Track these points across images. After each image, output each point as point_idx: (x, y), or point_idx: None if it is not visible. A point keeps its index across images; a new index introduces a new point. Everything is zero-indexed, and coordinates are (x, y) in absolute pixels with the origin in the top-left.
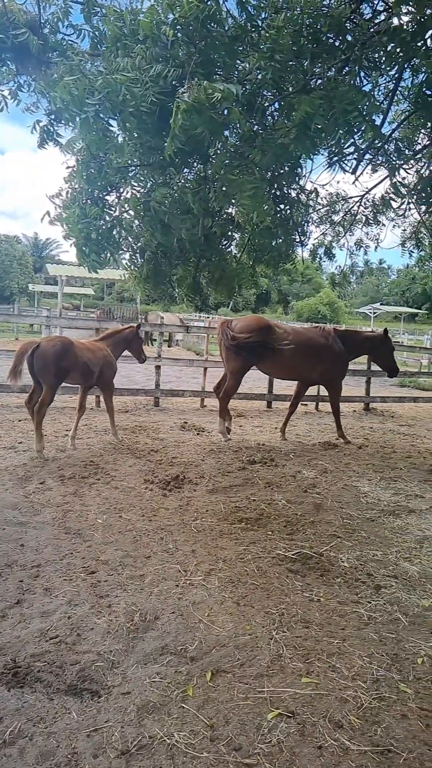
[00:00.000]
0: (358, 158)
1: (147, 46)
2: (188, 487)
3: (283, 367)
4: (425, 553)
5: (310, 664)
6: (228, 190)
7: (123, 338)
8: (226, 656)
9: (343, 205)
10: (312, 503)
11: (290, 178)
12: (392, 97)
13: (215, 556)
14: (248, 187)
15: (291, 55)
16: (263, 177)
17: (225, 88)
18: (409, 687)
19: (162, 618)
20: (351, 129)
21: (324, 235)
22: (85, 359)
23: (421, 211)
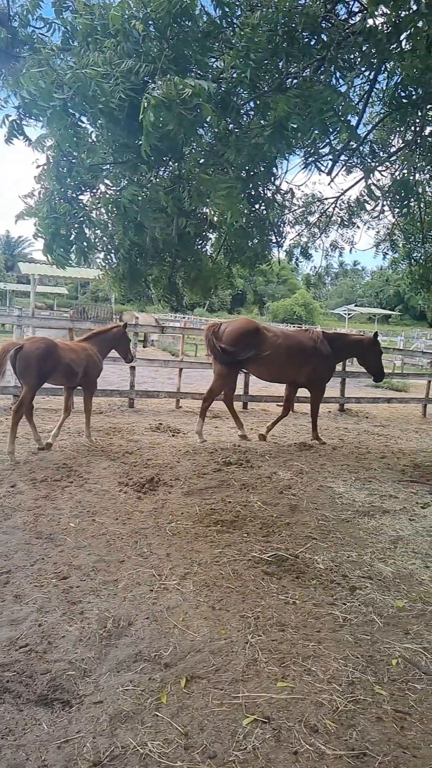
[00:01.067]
0: (333, 159)
1: (118, 40)
2: (163, 489)
3: (271, 370)
4: (399, 554)
5: (286, 667)
6: (202, 189)
7: (110, 338)
8: (201, 662)
9: (318, 206)
10: (287, 504)
11: (265, 178)
12: (367, 99)
13: (190, 560)
14: (222, 186)
15: (266, 54)
16: (238, 176)
17: (196, 84)
18: (384, 689)
19: (136, 624)
20: (326, 129)
21: (300, 236)
22: (67, 360)
23: (395, 214)
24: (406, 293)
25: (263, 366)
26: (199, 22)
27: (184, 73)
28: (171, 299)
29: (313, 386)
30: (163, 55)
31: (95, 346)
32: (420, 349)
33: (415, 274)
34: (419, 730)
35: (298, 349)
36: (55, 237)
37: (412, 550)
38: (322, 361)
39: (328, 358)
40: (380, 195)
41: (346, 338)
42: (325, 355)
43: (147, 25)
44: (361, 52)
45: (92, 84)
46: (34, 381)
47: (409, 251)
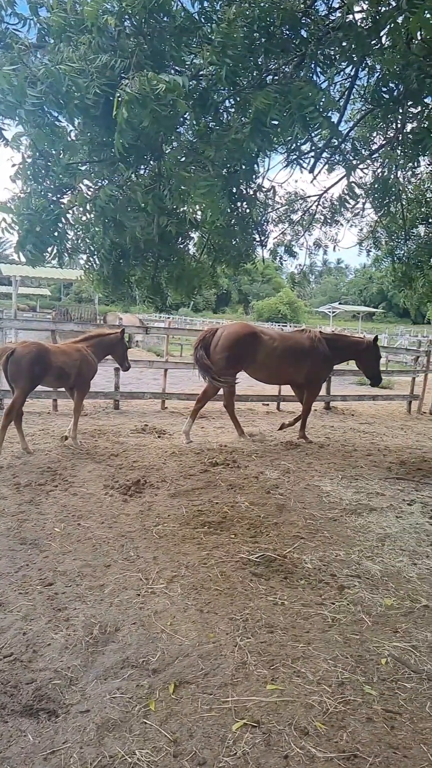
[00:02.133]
0: (315, 156)
1: (93, 36)
2: (149, 491)
3: (270, 373)
4: (387, 551)
5: (275, 670)
6: (182, 187)
7: (107, 342)
8: (189, 666)
9: (301, 204)
10: (275, 504)
11: (247, 176)
12: (348, 96)
13: (177, 563)
14: (202, 184)
15: (244, 49)
16: (219, 174)
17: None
18: (374, 689)
19: (123, 629)
20: (307, 125)
21: (283, 235)
22: (59, 363)
23: (377, 212)
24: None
25: (262, 369)
26: (177, 18)
27: (161, 68)
28: (155, 299)
29: (308, 386)
30: (139, 50)
31: (91, 348)
32: (404, 347)
33: (398, 272)
34: (409, 729)
35: (295, 350)
36: (29, 234)
37: (399, 548)
38: (319, 361)
39: (326, 358)
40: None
41: (346, 339)
42: (323, 355)
43: (122, 21)
44: (341, 48)
45: (66, 80)
46: (25, 385)
47: (392, 249)
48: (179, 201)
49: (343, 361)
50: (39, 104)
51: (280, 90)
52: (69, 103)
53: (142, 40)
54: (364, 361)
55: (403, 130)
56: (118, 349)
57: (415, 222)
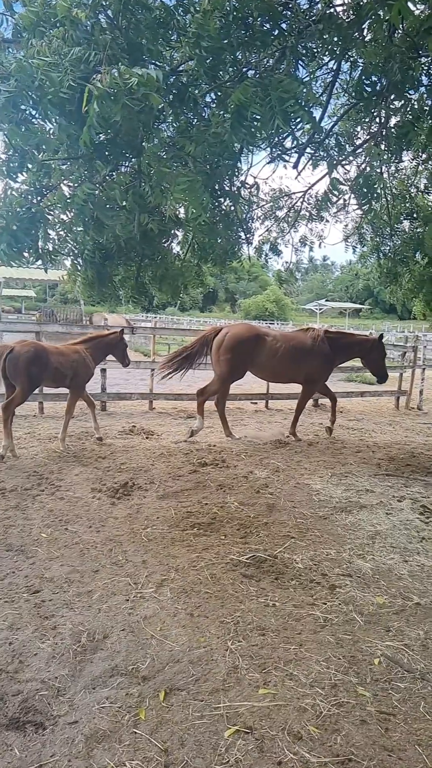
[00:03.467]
0: (298, 152)
1: (66, 29)
2: (138, 493)
3: (275, 372)
4: (377, 549)
5: (267, 673)
6: (163, 183)
7: (106, 343)
8: (180, 672)
9: (286, 201)
10: (265, 504)
11: (229, 172)
12: (331, 90)
13: (167, 566)
14: (183, 180)
15: (220, 41)
16: (201, 170)
17: (144, 73)
18: (367, 690)
19: (111, 636)
20: (288, 119)
21: (269, 232)
22: (56, 364)
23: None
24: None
25: (266, 369)
26: (153, 10)
27: (137, 62)
28: (140, 299)
29: (306, 384)
30: (114, 43)
31: (89, 349)
32: (391, 342)
33: (383, 268)
34: (403, 731)
35: (298, 350)
36: (4, 232)
37: (390, 545)
38: (319, 361)
39: (326, 358)
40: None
41: (351, 338)
42: (324, 354)
43: (96, 13)
44: (323, 41)
45: (39, 74)
46: (25, 384)
47: (378, 244)
48: (160, 198)
49: (348, 359)
50: (11, 99)
51: (260, 83)
52: (43, 98)
53: (118, 32)
54: (370, 359)
55: (386, 124)
56: (119, 348)
57: (400, 217)
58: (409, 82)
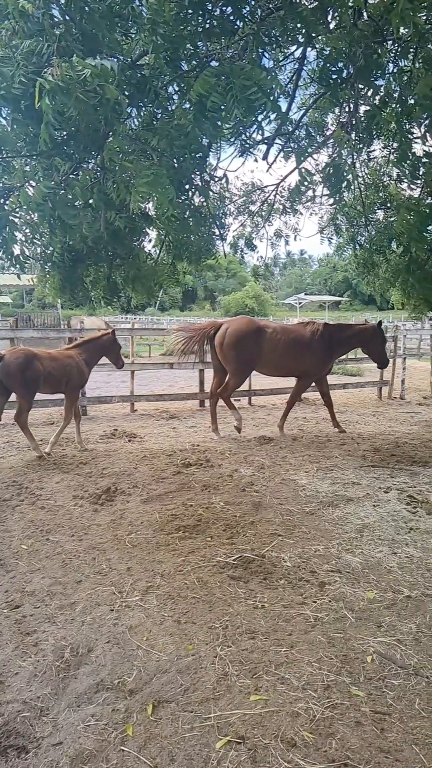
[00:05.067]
0: (267, 143)
1: (15, 21)
2: (121, 498)
3: (275, 364)
4: (366, 542)
5: (258, 678)
6: (126, 178)
7: (100, 345)
8: (168, 683)
9: (259, 195)
10: (251, 502)
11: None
12: (297, 79)
13: (152, 572)
14: (146, 173)
15: (177, 28)
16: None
17: (97, 64)
18: (361, 689)
19: (96, 650)
20: (252, 108)
21: (243, 227)
22: (49, 369)
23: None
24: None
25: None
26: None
27: (93, 53)
28: (112, 300)
29: (304, 377)
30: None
31: (83, 353)
32: None
33: (360, 258)
34: (399, 730)
35: (297, 343)
36: None
37: (378, 537)
38: (319, 352)
39: (324, 351)
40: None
41: (352, 328)
42: (323, 346)
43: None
44: (285, 28)
45: None
46: (22, 390)
47: (353, 235)
48: (124, 193)
49: (351, 349)
50: None
51: (222, 71)
52: None
53: (72, 23)
54: (371, 346)
55: (356, 113)
56: (112, 349)
57: (374, 207)
58: (374, 67)
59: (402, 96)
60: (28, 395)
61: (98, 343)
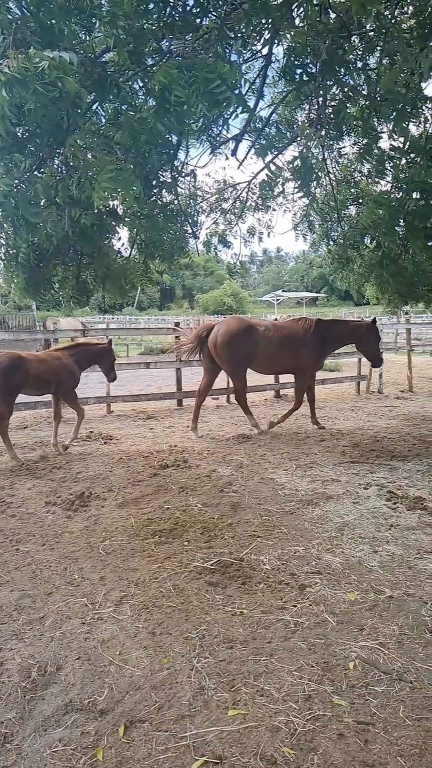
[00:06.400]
0: (236, 139)
1: None
2: (95, 503)
3: (268, 361)
4: (346, 541)
5: (237, 691)
6: (91, 174)
7: (92, 352)
8: (141, 701)
9: (232, 192)
10: (229, 503)
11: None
12: (264, 75)
13: (126, 581)
14: (110, 168)
15: (137, 21)
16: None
17: (56, 56)
18: (344, 698)
19: (65, 667)
20: (216, 102)
21: (216, 225)
22: (36, 372)
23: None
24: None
25: (261, 359)
26: None
27: (52, 46)
28: (81, 300)
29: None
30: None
31: (73, 356)
32: None
33: (334, 254)
34: (383, 741)
35: (290, 339)
36: None
37: (359, 536)
38: (311, 348)
39: (316, 347)
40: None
41: (346, 325)
42: (316, 342)
43: None
44: (250, 21)
45: None
46: (3, 395)
47: (327, 231)
48: (89, 189)
49: (344, 345)
50: None
51: (185, 64)
52: None
53: (28, 14)
54: (365, 343)
55: (325, 109)
56: (105, 359)
57: (346, 203)
58: (340, 63)
59: (370, 92)
60: (8, 399)
61: (90, 350)
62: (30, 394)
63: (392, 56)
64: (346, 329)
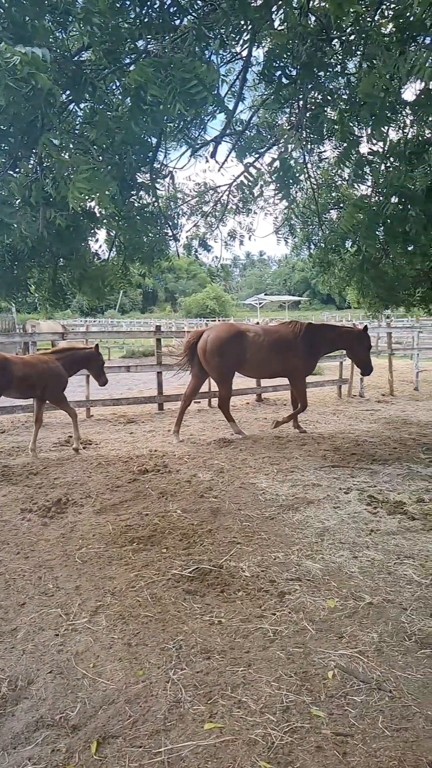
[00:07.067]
0: (216, 141)
1: None
2: (72, 510)
3: (259, 366)
4: (326, 547)
5: (213, 704)
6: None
7: (80, 357)
8: (115, 716)
9: (212, 195)
10: (209, 509)
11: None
12: (244, 77)
13: (103, 590)
14: (85, 168)
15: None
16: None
17: (28, 52)
18: (322, 709)
19: (37, 681)
20: (193, 102)
21: (197, 227)
22: (20, 374)
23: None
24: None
25: (252, 364)
26: None
27: (25, 42)
28: (58, 302)
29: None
30: None
31: (60, 360)
32: None
33: (315, 258)
34: (362, 753)
35: (280, 343)
36: None
37: (339, 541)
38: (302, 352)
39: (308, 350)
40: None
41: (336, 330)
42: (307, 346)
43: None
44: (229, 21)
45: None
46: None
47: (308, 235)
48: (64, 189)
49: (333, 350)
50: None
51: (161, 63)
52: None
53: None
54: (355, 350)
55: (305, 113)
56: (93, 364)
57: (327, 207)
58: (318, 66)
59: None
60: None
61: (77, 354)
62: (13, 397)
63: (371, 60)
64: (336, 334)
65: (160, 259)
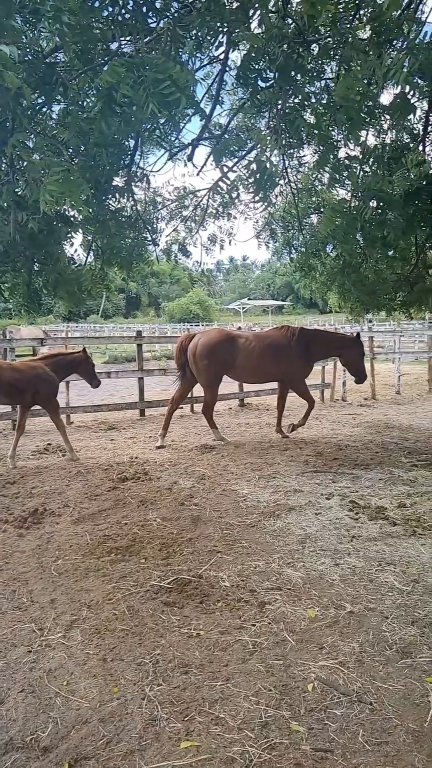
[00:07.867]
0: (192, 145)
1: None
2: (49, 520)
3: (251, 371)
4: (308, 554)
5: (190, 721)
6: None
7: (69, 362)
8: (88, 736)
9: (192, 199)
10: (189, 517)
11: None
12: (221, 79)
13: (79, 603)
14: (56, 170)
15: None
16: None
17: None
18: (302, 724)
19: (7, 701)
20: (166, 103)
21: (176, 232)
22: (9, 380)
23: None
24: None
25: (243, 370)
26: None
27: None
28: (32, 308)
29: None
30: None
31: (49, 365)
32: None
33: (296, 262)
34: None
35: (273, 348)
36: None
37: (320, 548)
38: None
39: (302, 355)
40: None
41: (328, 336)
42: (300, 350)
43: None
44: (204, 21)
45: None
46: None
47: (289, 239)
48: (36, 192)
49: (326, 357)
50: None
51: (133, 63)
52: None
53: None
54: (348, 357)
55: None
56: (84, 367)
57: (307, 211)
58: (295, 68)
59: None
60: None
61: (66, 359)
62: (2, 403)
63: (348, 63)
64: (328, 340)
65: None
